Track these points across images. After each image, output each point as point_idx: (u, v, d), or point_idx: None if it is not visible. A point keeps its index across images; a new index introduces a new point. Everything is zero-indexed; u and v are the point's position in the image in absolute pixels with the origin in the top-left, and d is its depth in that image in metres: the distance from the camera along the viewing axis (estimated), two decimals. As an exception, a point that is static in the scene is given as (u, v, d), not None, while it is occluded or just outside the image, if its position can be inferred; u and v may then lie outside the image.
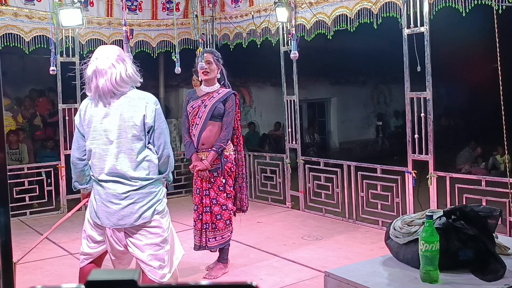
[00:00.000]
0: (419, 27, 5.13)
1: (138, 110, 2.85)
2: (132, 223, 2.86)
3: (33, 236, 5.78)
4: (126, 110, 2.84)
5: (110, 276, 0.73)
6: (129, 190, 2.85)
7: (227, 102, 4.17)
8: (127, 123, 2.83)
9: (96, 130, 2.88)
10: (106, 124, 2.85)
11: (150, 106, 2.88)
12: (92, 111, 2.89)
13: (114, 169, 2.84)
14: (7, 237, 1.43)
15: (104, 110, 2.86)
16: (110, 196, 2.86)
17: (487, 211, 2.41)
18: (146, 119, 2.85)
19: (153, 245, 2.92)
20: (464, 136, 11.77)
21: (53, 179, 6.85)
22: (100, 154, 2.87)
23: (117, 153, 2.84)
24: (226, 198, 4.20)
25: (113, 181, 2.86)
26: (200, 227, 4.18)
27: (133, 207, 2.84)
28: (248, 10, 7.00)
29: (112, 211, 2.86)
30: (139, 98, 2.88)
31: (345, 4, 5.81)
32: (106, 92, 2.84)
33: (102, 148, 2.87)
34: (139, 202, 2.85)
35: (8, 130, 7.63)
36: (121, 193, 2.85)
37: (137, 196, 2.85)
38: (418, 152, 5.28)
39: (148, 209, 2.87)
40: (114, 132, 2.84)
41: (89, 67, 2.89)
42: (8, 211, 1.46)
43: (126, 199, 2.84)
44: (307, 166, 6.66)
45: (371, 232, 5.57)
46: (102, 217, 2.90)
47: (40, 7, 6.47)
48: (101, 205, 2.90)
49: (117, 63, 2.85)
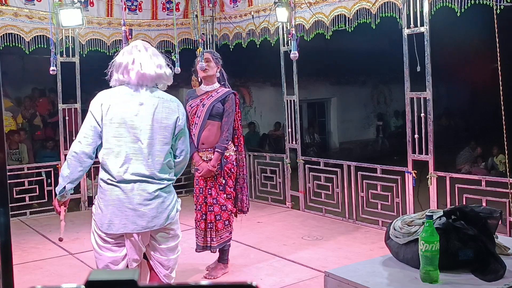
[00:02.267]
0: (419, 27, 5.13)
1: (172, 112, 2.76)
2: (161, 224, 2.72)
3: (33, 236, 5.79)
4: (159, 111, 2.72)
5: (110, 276, 0.73)
6: (158, 188, 2.71)
7: (227, 102, 4.15)
8: (160, 124, 2.71)
9: (124, 127, 2.67)
10: (137, 123, 2.68)
11: (181, 109, 2.83)
12: (121, 106, 2.69)
13: (142, 169, 2.68)
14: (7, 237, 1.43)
15: (135, 107, 2.70)
16: (137, 198, 2.66)
17: (487, 212, 2.41)
18: (179, 121, 2.77)
19: (172, 248, 2.86)
20: (464, 136, 11.77)
21: (53, 179, 6.84)
22: (127, 152, 2.66)
23: (148, 154, 2.68)
24: (226, 199, 4.19)
25: (140, 180, 2.67)
26: (204, 227, 4.15)
27: (162, 207, 2.71)
28: (247, 10, 7.01)
29: (141, 213, 2.66)
30: (171, 100, 2.79)
31: (343, 4, 5.81)
32: (148, 79, 2.72)
33: (129, 146, 2.67)
34: (166, 201, 2.74)
35: (8, 130, 7.63)
36: (151, 192, 2.68)
37: (164, 195, 2.74)
38: (418, 152, 5.28)
39: (173, 208, 2.79)
40: (145, 132, 2.68)
41: (126, 56, 2.76)
42: (8, 211, 1.45)
43: (156, 198, 2.69)
44: (307, 166, 6.66)
45: (371, 232, 5.57)
46: (126, 223, 2.67)
47: (40, 7, 6.47)
48: (126, 210, 2.67)
49: (159, 55, 2.82)
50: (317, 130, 12.64)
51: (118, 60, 2.78)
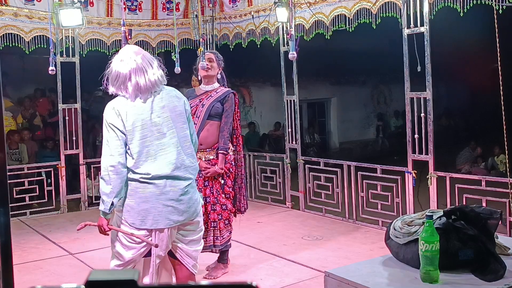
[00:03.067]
0: (419, 27, 5.13)
1: (179, 98, 2.92)
2: (189, 218, 2.84)
3: (33, 236, 5.79)
4: (169, 102, 2.85)
5: (110, 276, 0.73)
6: (188, 184, 2.82)
7: (226, 102, 4.14)
8: (176, 113, 2.85)
9: (146, 127, 2.75)
10: (155, 119, 2.78)
11: (183, 95, 3.02)
12: (135, 110, 2.76)
13: (174, 162, 2.77)
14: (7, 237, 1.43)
15: (148, 106, 2.78)
16: (171, 193, 2.75)
17: (487, 213, 2.41)
18: (187, 106, 2.95)
19: (198, 240, 2.97)
20: (464, 136, 11.77)
21: (53, 179, 6.85)
22: (155, 150, 2.75)
23: (175, 144, 2.79)
24: (225, 198, 4.19)
25: (173, 177, 2.76)
26: (206, 227, 4.14)
27: (191, 201, 2.83)
28: (247, 10, 7.01)
29: (173, 209, 2.76)
30: (173, 89, 2.96)
31: (344, 4, 5.81)
32: (145, 90, 2.77)
33: (156, 144, 2.75)
34: (194, 196, 2.87)
35: (8, 130, 7.63)
36: (182, 187, 2.79)
37: (192, 190, 2.86)
38: (418, 152, 5.28)
39: (200, 202, 2.93)
40: (166, 124, 2.80)
41: (123, 66, 2.78)
42: (8, 211, 1.46)
43: (186, 193, 2.80)
44: (307, 166, 6.66)
45: (371, 232, 5.57)
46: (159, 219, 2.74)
47: (40, 7, 6.47)
48: (160, 206, 2.74)
49: (151, 61, 2.86)
50: (317, 130, 12.65)
51: (114, 69, 2.80)
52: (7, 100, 8.33)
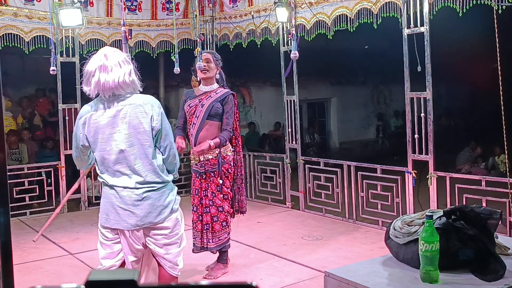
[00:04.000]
0: (419, 27, 5.13)
1: (145, 115, 2.81)
2: (151, 223, 2.85)
3: (33, 236, 5.77)
4: (133, 118, 2.79)
5: (110, 276, 0.73)
6: (146, 190, 2.83)
7: (226, 103, 4.14)
8: (137, 130, 2.79)
9: (106, 140, 2.82)
10: (116, 135, 2.80)
11: (155, 109, 2.84)
12: (98, 121, 2.82)
13: (131, 175, 2.82)
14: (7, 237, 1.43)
15: (110, 119, 2.80)
16: (127, 199, 2.82)
17: (487, 213, 2.41)
18: (153, 123, 2.81)
19: (172, 244, 2.96)
20: (464, 136, 11.76)
21: (53, 179, 6.85)
22: (113, 163, 2.82)
23: (133, 160, 2.80)
24: (223, 199, 4.18)
25: (129, 187, 2.83)
26: (200, 228, 4.15)
27: (152, 207, 2.84)
28: (247, 10, 7.00)
29: (130, 213, 2.83)
30: (143, 103, 2.83)
31: (345, 4, 5.81)
32: (107, 89, 2.77)
33: (114, 158, 2.82)
34: (157, 202, 2.85)
35: (8, 130, 7.63)
36: (139, 194, 2.82)
37: (154, 196, 2.85)
38: (418, 152, 5.28)
39: (165, 208, 2.88)
40: (125, 141, 2.79)
41: (92, 62, 2.84)
42: (8, 211, 1.45)
43: (144, 199, 2.83)
44: (307, 166, 6.66)
45: (371, 232, 5.57)
46: (119, 221, 2.85)
47: (40, 7, 6.47)
48: (118, 208, 2.85)
49: (123, 63, 2.84)
50: (317, 130, 12.64)
51: (85, 68, 2.88)
52: (7, 100, 8.33)
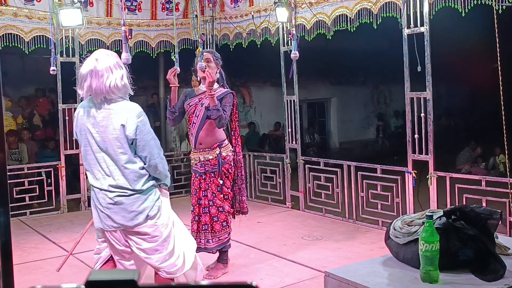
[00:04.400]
0: (419, 27, 5.13)
1: (120, 123, 2.82)
2: (125, 225, 2.90)
3: (33, 236, 5.79)
4: (110, 123, 2.83)
5: (110, 276, 0.73)
6: (118, 195, 2.88)
7: (224, 99, 4.14)
8: (111, 136, 2.83)
9: (88, 139, 2.91)
10: (95, 135, 2.87)
11: (131, 119, 2.82)
12: (84, 120, 2.92)
13: (104, 177, 2.88)
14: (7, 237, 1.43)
15: (93, 121, 2.87)
16: (103, 201, 2.91)
17: (487, 213, 2.41)
18: (126, 131, 2.81)
19: (154, 249, 2.96)
20: (464, 136, 11.76)
21: (53, 179, 6.85)
22: (94, 160, 2.90)
23: (106, 163, 2.87)
24: (223, 199, 4.18)
25: (103, 189, 2.90)
26: (196, 228, 4.15)
27: (123, 212, 2.88)
28: (248, 10, 7.00)
29: (106, 215, 2.92)
30: (122, 111, 2.83)
31: (345, 4, 5.81)
32: (98, 94, 2.82)
33: (93, 156, 2.90)
34: (129, 207, 2.88)
35: (8, 130, 7.63)
36: (111, 197, 2.88)
37: (127, 202, 2.88)
38: (418, 152, 5.28)
39: (140, 213, 2.89)
40: (102, 144, 2.86)
41: (85, 66, 2.88)
42: (8, 211, 1.46)
43: (116, 204, 2.88)
44: (307, 166, 6.66)
45: (371, 232, 5.57)
46: (99, 221, 2.98)
47: (39, 7, 6.47)
48: (98, 210, 2.96)
49: (115, 68, 2.86)
50: (317, 130, 12.64)
51: (79, 71, 2.93)
52: (7, 100, 8.33)
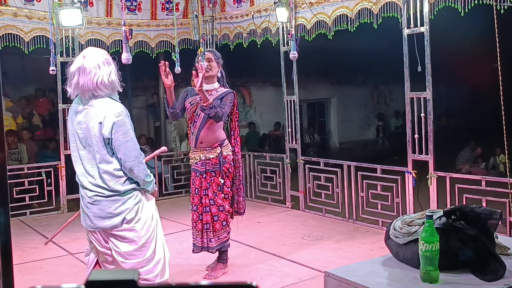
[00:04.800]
0: (419, 27, 5.13)
1: (98, 120, 2.83)
2: (102, 227, 2.93)
3: (33, 236, 5.78)
4: (90, 120, 2.86)
5: (110, 276, 0.73)
6: (96, 195, 2.89)
7: (224, 97, 4.14)
8: (90, 133, 2.86)
9: (73, 135, 2.96)
10: (79, 131, 2.91)
11: (109, 117, 2.82)
12: (72, 116, 2.98)
13: (85, 174, 2.92)
14: (7, 237, 1.43)
15: (78, 117, 2.91)
16: (84, 199, 2.97)
17: (487, 213, 2.41)
18: (103, 129, 2.82)
19: (130, 253, 2.97)
20: (464, 136, 11.76)
21: (53, 179, 6.85)
22: (77, 157, 2.95)
23: (87, 161, 2.90)
24: (224, 199, 4.19)
25: (84, 186, 2.94)
26: (201, 227, 4.15)
27: (100, 213, 2.90)
28: (248, 10, 7.00)
29: (86, 214, 2.97)
30: (102, 108, 2.84)
31: (345, 4, 5.81)
32: (86, 91, 2.84)
33: (77, 153, 2.95)
34: (106, 209, 2.89)
35: (8, 130, 7.62)
36: (89, 196, 2.91)
37: (104, 203, 2.89)
38: (418, 152, 5.28)
39: (116, 216, 2.90)
40: (83, 140, 2.90)
41: (74, 64, 2.91)
42: (8, 211, 1.46)
43: (94, 203, 2.91)
44: (307, 166, 6.66)
45: (371, 232, 5.57)
46: (82, 219, 3.05)
47: (39, 7, 6.47)
48: (81, 207, 3.03)
49: (103, 65, 2.86)
50: (317, 130, 12.64)
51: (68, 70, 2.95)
52: (7, 100, 8.32)
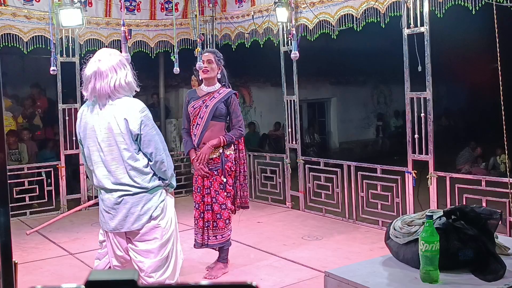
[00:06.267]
0: (419, 27, 5.13)
1: (123, 118, 2.83)
2: (128, 228, 2.90)
3: (33, 236, 5.77)
4: (112, 120, 2.83)
5: (110, 276, 0.73)
6: (123, 195, 2.87)
7: (231, 103, 4.18)
8: (115, 132, 2.83)
9: (91, 137, 2.91)
10: (98, 133, 2.87)
11: (135, 113, 2.83)
12: (87, 118, 2.93)
13: (108, 176, 2.88)
14: (7, 237, 1.43)
15: (95, 118, 2.88)
16: (108, 202, 2.92)
17: (487, 213, 2.41)
18: (130, 126, 2.82)
19: (149, 251, 2.95)
20: (464, 136, 11.76)
21: (53, 179, 6.85)
22: (96, 161, 2.91)
23: (111, 161, 2.86)
24: (226, 197, 4.20)
25: (110, 189, 2.90)
26: (202, 225, 4.19)
27: (130, 212, 2.88)
28: (249, 10, 6.99)
29: (111, 216, 2.92)
30: (125, 106, 2.84)
31: (350, 4, 5.78)
32: (103, 95, 2.83)
33: (96, 155, 2.91)
34: (134, 207, 2.88)
35: (8, 130, 7.62)
36: (115, 197, 2.88)
37: (131, 201, 2.87)
38: (418, 152, 5.28)
39: (144, 214, 2.89)
40: (105, 141, 2.86)
41: (89, 67, 2.87)
42: (8, 211, 1.45)
43: (121, 203, 2.88)
44: (307, 166, 6.66)
45: (371, 232, 5.57)
46: (104, 222, 2.98)
47: (38, 7, 6.47)
48: (103, 211, 2.96)
49: (118, 68, 2.85)
50: (317, 130, 12.63)
51: (84, 73, 2.92)
52: (7, 100, 8.32)
